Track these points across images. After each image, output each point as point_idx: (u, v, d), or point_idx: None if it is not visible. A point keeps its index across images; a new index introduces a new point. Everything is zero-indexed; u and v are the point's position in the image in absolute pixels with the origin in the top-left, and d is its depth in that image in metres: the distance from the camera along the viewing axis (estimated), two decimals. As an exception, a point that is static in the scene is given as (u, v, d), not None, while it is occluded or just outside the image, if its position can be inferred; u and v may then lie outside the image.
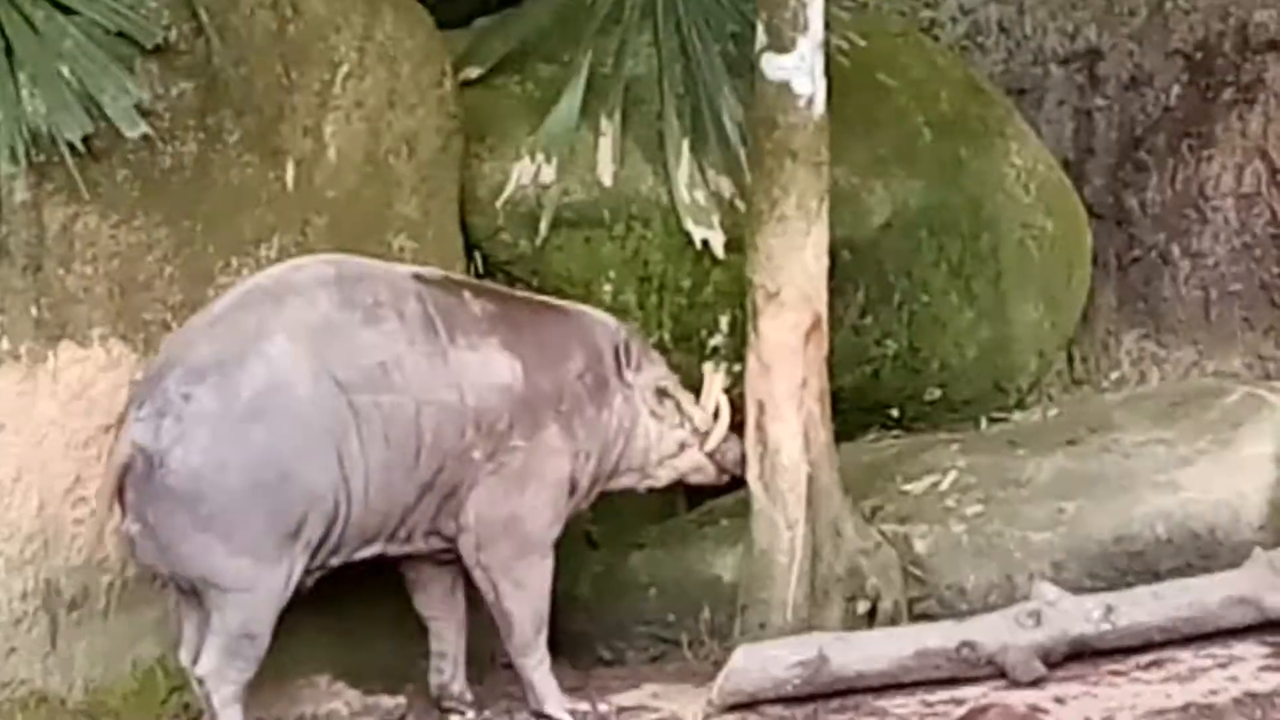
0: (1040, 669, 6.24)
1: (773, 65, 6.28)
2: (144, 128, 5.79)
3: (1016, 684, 6.20)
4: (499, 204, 6.63)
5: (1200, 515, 6.73)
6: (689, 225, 6.68)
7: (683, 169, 6.69)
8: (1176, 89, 8.47)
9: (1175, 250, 8.49)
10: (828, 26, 6.47)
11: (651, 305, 6.73)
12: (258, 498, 5.61)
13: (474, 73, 6.72)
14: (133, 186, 5.87)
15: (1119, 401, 7.60)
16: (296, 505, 5.64)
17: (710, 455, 6.22)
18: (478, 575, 5.94)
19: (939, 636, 6.31)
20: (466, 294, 5.97)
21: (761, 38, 6.28)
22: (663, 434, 6.16)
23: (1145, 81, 8.42)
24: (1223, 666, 6.29)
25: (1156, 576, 6.47)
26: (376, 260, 6.05)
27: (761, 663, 6.19)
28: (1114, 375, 8.36)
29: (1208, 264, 8.53)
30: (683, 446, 6.19)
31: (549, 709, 5.98)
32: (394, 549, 5.88)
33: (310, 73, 6.15)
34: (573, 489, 6.04)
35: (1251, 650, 6.35)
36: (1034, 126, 7.75)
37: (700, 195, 6.69)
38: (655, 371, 6.18)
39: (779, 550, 6.30)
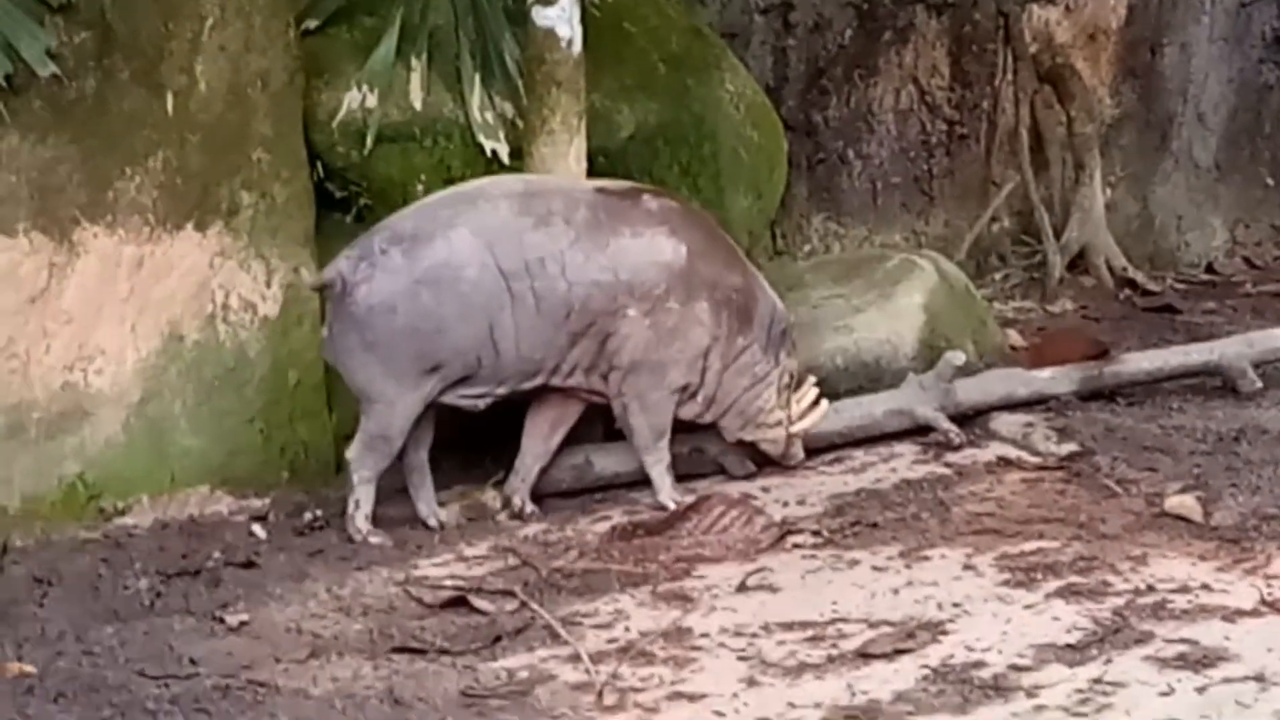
0: (751, 466, 6.29)
1: (541, 15, 6.25)
2: (53, 68, 5.65)
3: (733, 478, 6.26)
4: (334, 124, 6.47)
5: (869, 350, 6.80)
6: (481, 139, 6.58)
7: (475, 96, 6.59)
8: (849, 32, 8.47)
9: (850, 154, 8.53)
10: (584, -15, 6.46)
11: (454, 201, 6.64)
12: (412, 340, 5.71)
13: (313, 24, 6.55)
14: (46, 113, 5.72)
15: (809, 267, 7.63)
16: (441, 352, 5.74)
17: (789, 438, 6.19)
18: (617, 402, 6.00)
19: (675, 444, 6.32)
20: (646, 197, 6.03)
21: (532, -7, 6.28)
22: (773, 408, 6.13)
23: (826, 26, 8.41)
24: (885, 461, 6.38)
25: (837, 396, 6.51)
26: (563, 179, 6.17)
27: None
28: (806, 248, 8.40)
29: (874, 164, 8.59)
30: (778, 423, 6.15)
31: (661, 498, 6.01)
32: (557, 381, 5.93)
33: (184, 24, 5.97)
34: (704, 368, 6.02)
35: (907, 449, 6.45)
36: (743, 62, 7.69)
37: (489, 116, 6.60)
38: (794, 364, 6.19)
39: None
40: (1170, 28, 9.27)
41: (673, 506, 5.92)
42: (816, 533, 5.70)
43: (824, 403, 6.25)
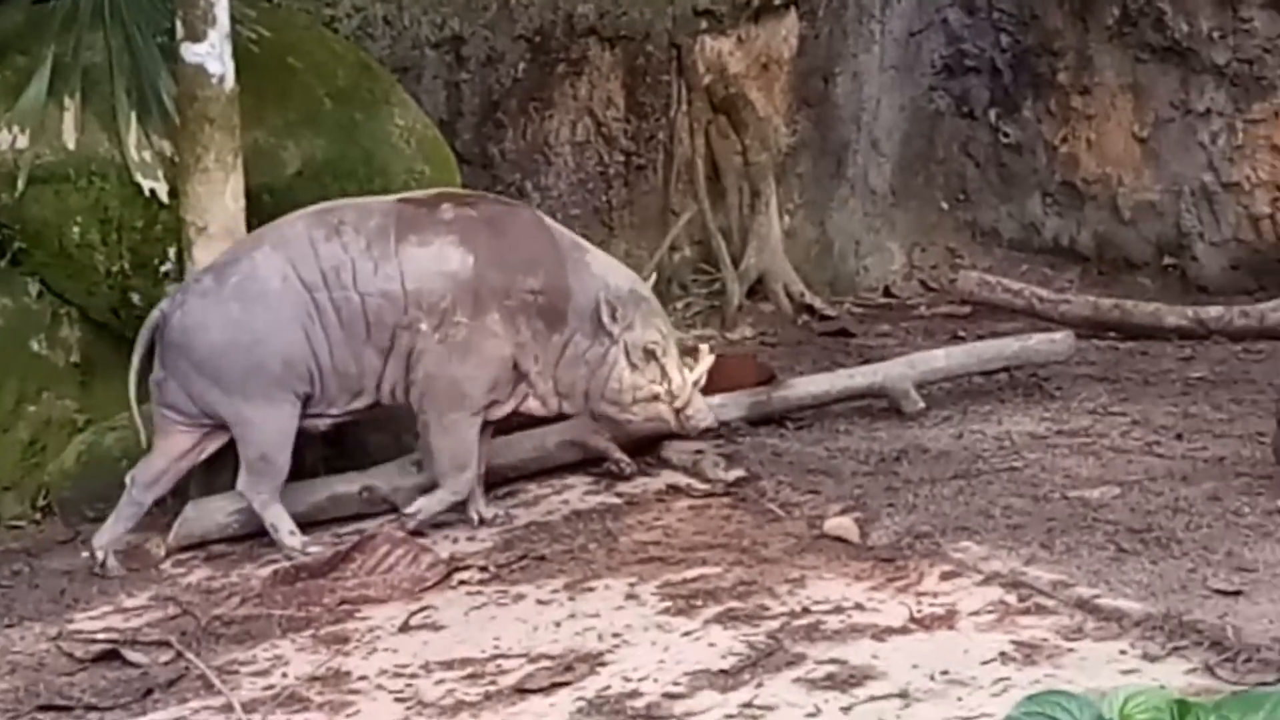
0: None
1: (190, 52, 6.16)
2: None
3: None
4: (-16, 167, 6.34)
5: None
6: (139, 178, 6.46)
7: (132, 135, 6.47)
8: (523, 65, 8.52)
9: (529, 185, 8.57)
10: (238, 21, 6.36)
11: (113, 242, 6.51)
12: (235, 353, 5.80)
13: (-40, 64, 6.42)
14: None
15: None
16: (271, 361, 5.81)
17: (677, 413, 6.06)
18: (420, 420, 5.96)
19: (345, 484, 6.28)
20: (445, 205, 6.00)
21: (180, 30, 6.16)
22: (639, 384, 6.00)
23: (499, 60, 8.44)
24: (558, 493, 6.38)
25: (509, 430, 6.48)
26: (369, 197, 6.23)
27: (208, 513, 6.11)
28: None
29: (553, 195, 8.64)
30: (656, 398, 6.02)
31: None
32: (386, 401, 5.98)
33: None
34: (521, 377, 5.95)
35: (579, 480, 6.44)
36: (415, 96, 7.66)
37: (147, 154, 6.48)
38: (648, 335, 6.00)
39: (219, 424, 6.18)
40: (842, 57, 9.47)
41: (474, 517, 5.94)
42: (484, 568, 5.67)
43: (706, 361, 6.18)
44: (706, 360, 6.17)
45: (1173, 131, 9.16)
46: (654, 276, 7.89)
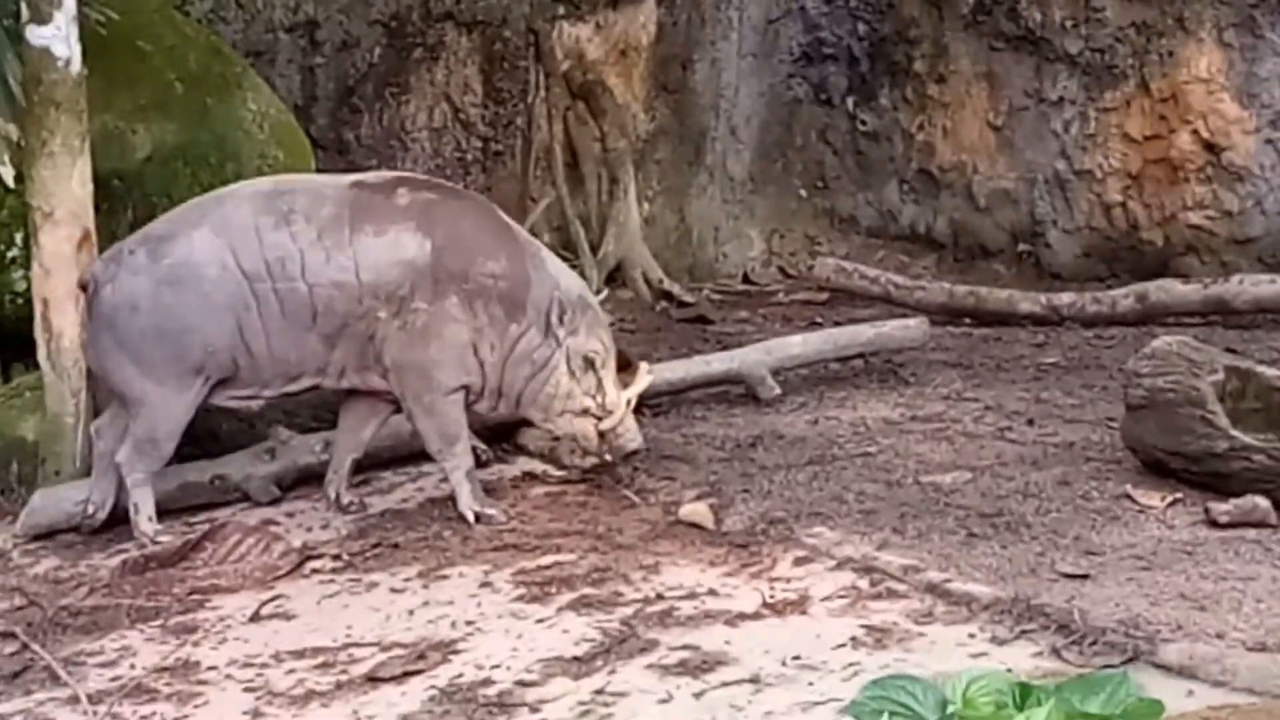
0: (275, 492, 6.20)
1: (35, 34, 6.04)
2: None
3: (258, 504, 6.15)
4: None
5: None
6: (-17, 162, 6.38)
7: (-23, 119, 6.37)
8: (379, 50, 8.48)
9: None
10: (85, 3, 6.26)
11: (-44, 227, 6.42)
12: (160, 339, 5.69)
13: None
14: None
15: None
16: (194, 352, 5.70)
17: (602, 434, 5.94)
18: (404, 406, 5.89)
19: (196, 472, 6.21)
20: (401, 190, 5.86)
21: (26, 13, 6.04)
22: (573, 393, 5.88)
23: (354, 45, 8.40)
24: (414, 480, 6.35)
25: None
26: (321, 176, 6.13)
27: (55, 501, 6.02)
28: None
29: (410, 182, 8.58)
30: (586, 412, 5.91)
31: (460, 505, 5.86)
32: (329, 383, 5.88)
33: None
34: (480, 363, 5.83)
35: (434, 467, 6.34)
36: (268, 81, 7.61)
37: (-9, 139, 6.39)
38: (590, 344, 5.89)
39: (66, 414, 6.10)
40: (700, 44, 9.50)
41: (470, 516, 5.81)
42: (337, 557, 5.63)
43: (644, 380, 6.12)
44: (645, 380, 6.13)
45: (1026, 120, 9.27)
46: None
